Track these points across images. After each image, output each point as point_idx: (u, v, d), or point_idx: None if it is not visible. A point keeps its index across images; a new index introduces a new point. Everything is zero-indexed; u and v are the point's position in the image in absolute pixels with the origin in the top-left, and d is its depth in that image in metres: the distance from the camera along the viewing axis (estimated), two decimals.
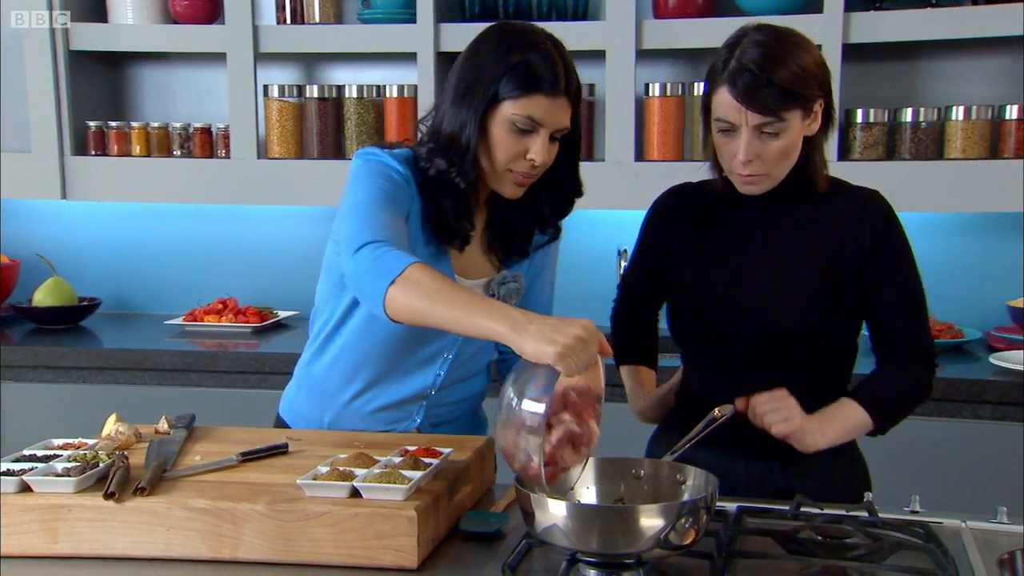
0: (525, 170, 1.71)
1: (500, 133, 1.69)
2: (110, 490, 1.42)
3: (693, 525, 1.28)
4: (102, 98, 3.55)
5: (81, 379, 3.07)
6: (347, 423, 1.87)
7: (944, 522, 1.52)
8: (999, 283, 3.09)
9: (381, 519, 1.36)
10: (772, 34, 1.67)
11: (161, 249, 3.63)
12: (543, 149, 1.69)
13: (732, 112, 1.65)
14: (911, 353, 1.78)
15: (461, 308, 1.45)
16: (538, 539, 1.34)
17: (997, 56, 3.02)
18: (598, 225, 3.32)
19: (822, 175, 1.77)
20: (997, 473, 2.58)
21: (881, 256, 1.75)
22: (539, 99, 1.66)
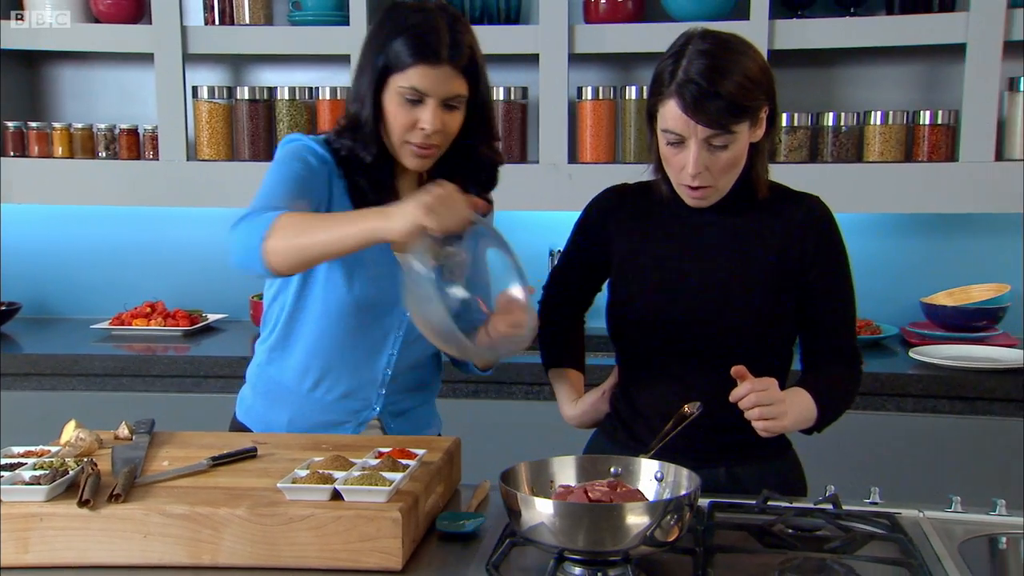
0: (419, 140, 1.75)
1: (392, 106, 1.74)
2: (84, 498, 1.41)
3: (678, 522, 1.31)
4: (19, 98, 3.46)
5: (6, 386, 2.99)
6: (308, 416, 1.88)
7: (902, 512, 1.58)
8: (914, 281, 3.23)
9: (365, 521, 1.38)
10: (717, 42, 1.67)
11: (83, 252, 3.55)
12: (432, 118, 1.72)
13: (680, 125, 1.65)
14: (844, 357, 1.82)
15: (334, 226, 1.56)
16: (523, 537, 1.36)
17: (911, 63, 3.16)
18: (531, 226, 3.37)
19: (763, 181, 1.78)
20: (923, 463, 2.70)
21: (822, 263, 1.77)
22: (422, 69, 1.71)
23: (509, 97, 3.17)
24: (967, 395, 2.68)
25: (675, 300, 1.78)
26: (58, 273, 3.56)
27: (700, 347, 1.77)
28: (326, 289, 1.82)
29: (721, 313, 1.76)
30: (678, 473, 1.46)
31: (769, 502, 1.58)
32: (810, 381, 1.77)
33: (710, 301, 1.76)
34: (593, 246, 1.90)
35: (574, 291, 1.98)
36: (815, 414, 1.72)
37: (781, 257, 1.76)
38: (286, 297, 1.87)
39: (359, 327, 1.83)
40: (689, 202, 1.75)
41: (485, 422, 2.83)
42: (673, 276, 1.80)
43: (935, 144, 3.01)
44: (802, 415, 1.69)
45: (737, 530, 1.49)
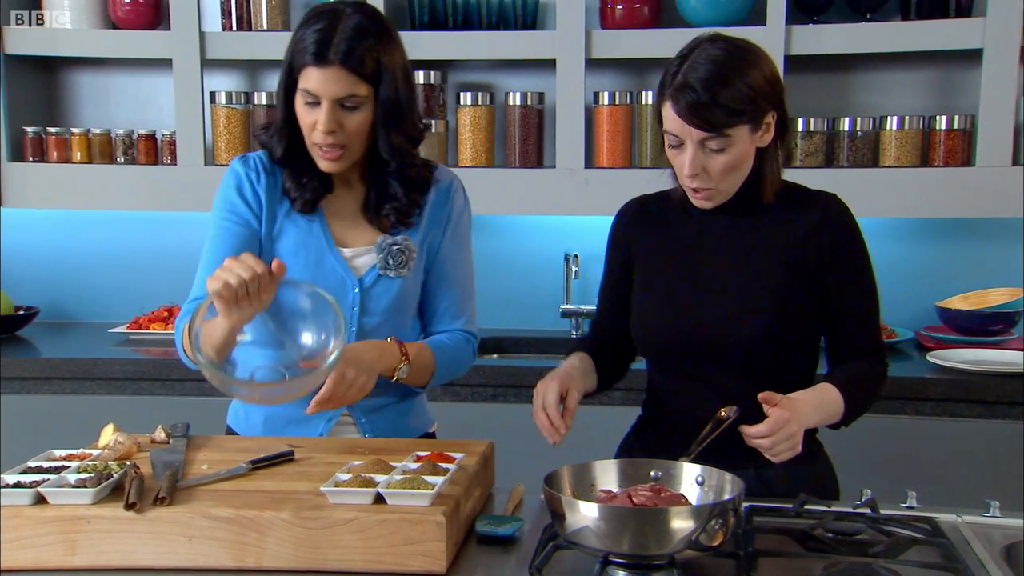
0: (319, 141, 1.78)
1: (298, 108, 1.79)
2: (130, 501, 1.42)
3: (722, 527, 1.32)
4: (38, 103, 3.47)
5: (26, 390, 3.00)
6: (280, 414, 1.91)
7: (940, 517, 1.58)
8: (929, 285, 3.25)
9: (409, 525, 1.39)
10: (725, 48, 1.67)
11: (100, 256, 3.56)
12: (326, 119, 1.75)
13: (676, 127, 1.67)
14: (870, 353, 1.83)
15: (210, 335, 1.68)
16: (567, 540, 1.37)
17: (927, 69, 3.18)
18: (548, 231, 3.39)
19: (770, 186, 1.77)
20: (942, 467, 2.71)
21: (843, 260, 1.78)
22: (311, 72, 1.75)
23: (526, 102, 3.19)
24: (986, 399, 2.69)
25: (692, 308, 1.79)
26: (75, 277, 3.57)
27: (724, 352, 1.77)
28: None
29: (741, 318, 1.76)
30: (720, 477, 1.47)
31: (806, 506, 1.59)
32: (837, 376, 1.77)
33: (729, 307, 1.77)
34: (623, 259, 1.92)
35: (619, 309, 1.92)
36: (842, 409, 1.71)
37: (798, 258, 1.77)
38: None
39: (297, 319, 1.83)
40: (695, 203, 1.77)
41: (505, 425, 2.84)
42: (689, 284, 1.81)
43: (951, 149, 3.02)
44: (828, 412, 1.70)
45: (777, 534, 1.50)
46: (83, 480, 1.46)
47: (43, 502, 1.44)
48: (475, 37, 3.19)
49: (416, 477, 1.47)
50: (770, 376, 1.74)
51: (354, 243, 1.91)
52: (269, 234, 1.88)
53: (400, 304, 1.92)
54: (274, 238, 1.88)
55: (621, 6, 3.13)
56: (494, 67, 3.37)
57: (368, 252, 1.90)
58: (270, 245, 1.88)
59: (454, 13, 3.21)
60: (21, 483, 1.46)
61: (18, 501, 1.43)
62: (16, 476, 1.49)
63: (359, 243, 1.91)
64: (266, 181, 1.89)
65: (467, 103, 3.21)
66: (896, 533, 1.48)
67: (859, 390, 1.77)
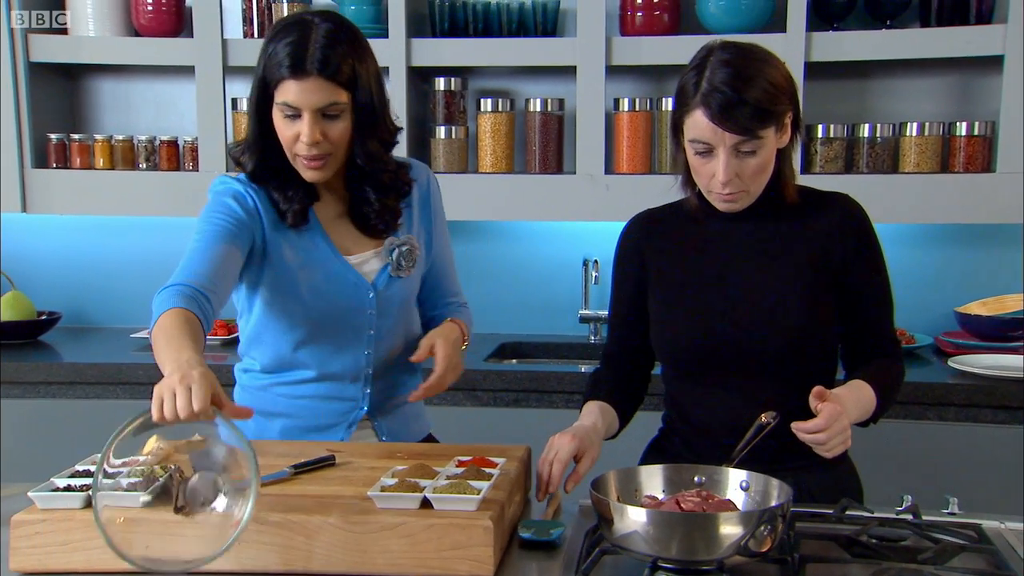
0: (303, 152, 1.77)
1: (277, 121, 1.78)
2: (179, 504, 1.43)
3: (771, 533, 1.33)
4: (61, 110, 3.49)
5: (51, 394, 3.02)
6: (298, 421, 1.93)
7: (983, 523, 1.58)
8: (948, 290, 3.26)
9: (457, 530, 1.40)
10: (737, 52, 1.69)
11: (121, 262, 3.57)
12: (309, 130, 1.74)
13: (708, 133, 1.66)
14: (888, 351, 1.85)
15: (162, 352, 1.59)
16: (615, 545, 1.38)
17: (947, 75, 3.19)
18: (568, 236, 3.41)
19: (791, 186, 1.79)
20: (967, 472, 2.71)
21: (862, 259, 1.80)
22: (289, 85, 1.73)
23: (546, 108, 3.20)
24: (1010, 404, 2.70)
25: (720, 316, 1.78)
26: (97, 283, 3.58)
27: (754, 359, 1.77)
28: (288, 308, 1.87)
29: (773, 323, 1.76)
30: (766, 482, 1.47)
31: (847, 511, 1.59)
32: (868, 373, 1.78)
33: (754, 313, 1.77)
34: (636, 274, 1.90)
35: (635, 326, 1.90)
36: (874, 406, 1.74)
37: (820, 260, 1.78)
38: (248, 318, 1.94)
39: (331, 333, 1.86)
40: (721, 208, 1.76)
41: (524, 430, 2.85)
42: (715, 292, 1.80)
43: (971, 155, 3.04)
44: (864, 408, 1.72)
45: (822, 539, 1.50)
46: (134, 484, 1.48)
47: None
48: (495, 44, 3.21)
49: (462, 482, 1.48)
50: (796, 380, 1.74)
51: (356, 249, 1.91)
52: (277, 253, 1.86)
53: (408, 301, 1.97)
54: (278, 258, 1.86)
55: (641, 13, 3.15)
56: (514, 74, 3.39)
57: (372, 257, 1.92)
58: (274, 264, 1.86)
59: (474, 20, 3.23)
60: (71, 487, 1.48)
61: (69, 504, 1.44)
62: (66, 480, 1.51)
63: (360, 249, 1.92)
64: (259, 198, 1.86)
65: (487, 109, 3.22)
66: (942, 540, 1.48)
67: (888, 388, 1.79)
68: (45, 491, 1.46)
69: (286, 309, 1.88)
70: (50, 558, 1.42)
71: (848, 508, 1.60)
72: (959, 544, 1.46)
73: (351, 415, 1.93)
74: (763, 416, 1.62)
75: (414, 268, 1.94)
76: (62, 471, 1.56)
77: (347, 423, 1.93)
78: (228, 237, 1.79)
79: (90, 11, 3.29)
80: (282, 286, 1.87)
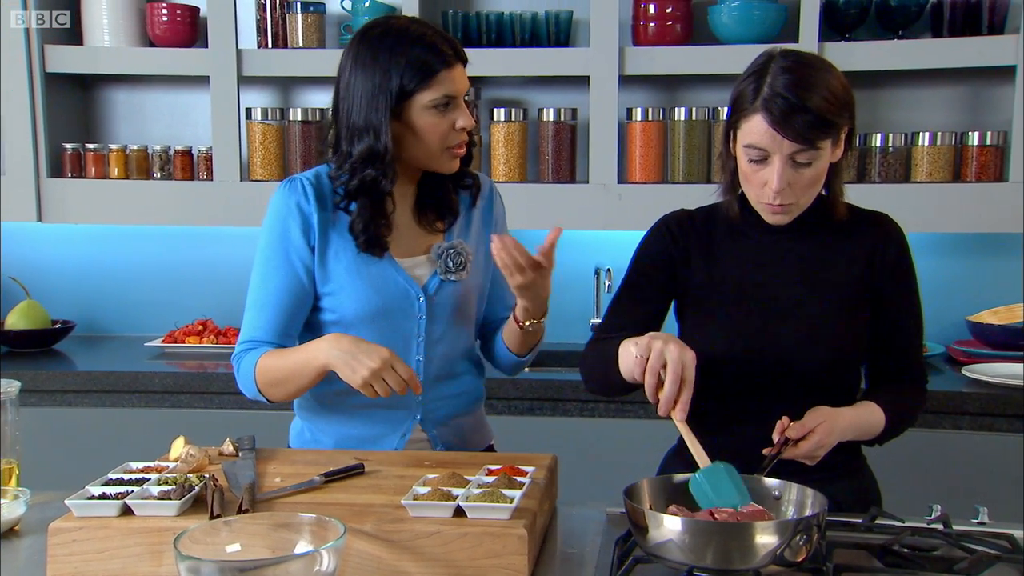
0: (458, 140, 1.84)
1: (426, 120, 1.80)
2: (215, 513, 1.44)
3: (806, 542, 1.33)
4: (76, 120, 3.51)
5: (65, 402, 3.03)
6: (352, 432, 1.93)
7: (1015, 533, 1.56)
8: (960, 299, 3.27)
9: (491, 538, 1.41)
10: (799, 59, 1.67)
11: (135, 271, 3.59)
12: (467, 115, 1.84)
13: (766, 140, 1.64)
14: (913, 376, 1.85)
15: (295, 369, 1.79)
16: (649, 554, 1.39)
17: (958, 85, 3.21)
18: (580, 246, 3.42)
19: (841, 203, 1.77)
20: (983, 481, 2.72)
21: (899, 281, 1.80)
22: (443, 76, 1.79)
23: (559, 118, 3.22)
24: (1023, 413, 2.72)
25: (759, 330, 1.76)
26: (109, 291, 3.60)
27: (786, 374, 1.75)
28: (336, 307, 1.88)
29: (807, 341, 1.75)
30: (800, 492, 1.48)
31: (877, 520, 1.59)
32: (882, 396, 1.78)
33: (795, 330, 1.75)
34: (665, 274, 1.85)
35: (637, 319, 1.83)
36: (881, 430, 1.75)
37: (861, 278, 1.77)
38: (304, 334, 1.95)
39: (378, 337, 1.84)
40: (769, 220, 1.74)
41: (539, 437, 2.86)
42: (753, 305, 1.78)
43: (984, 165, 3.06)
44: (864, 431, 1.74)
45: (855, 549, 1.50)
46: (167, 492, 1.49)
47: (129, 513, 1.46)
48: (508, 54, 3.22)
49: (495, 491, 1.49)
50: (824, 394, 1.74)
51: (407, 253, 1.92)
52: (323, 254, 1.87)
53: (463, 308, 1.95)
54: (329, 258, 1.87)
55: (654, 23, 3.17)
56: (527, 83, 3.40)
57: (423, 261, 1.92)
58: (324, 265, 1.87)
59: (488, 30, 3.25)
60: (107, 495, 1.48)
61: (106, 512, 1.45)
62: (100, 488, 1.52)
63: (412, 252, 1.92)
64: (316, 203, 1.86)
65: (500, 119, 3.24)
66: (975, 549, 1.48)
67: (902, 414, 1.79)
68: (81, 499, 1.47)
69: (336, 310, 1.88)
70: (87, 565, 1.42)
71: (878, 517, 1.60)
72: (993, 554, 1.46)
73: (404, 424, 1.92)
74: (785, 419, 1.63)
75: (464, 272, 1.93)
76: (95, 479, 1.56)
77: (400, 432, 1.93)
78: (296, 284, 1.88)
79: (105, 21, 3.31)
80: (333, 285, 1.87)
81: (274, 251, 1.87)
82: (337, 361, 1.72)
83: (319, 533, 1.31)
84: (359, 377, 1.69)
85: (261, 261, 1.89)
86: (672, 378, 1.52)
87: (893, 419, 1.76)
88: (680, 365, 1.53)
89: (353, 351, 1.71)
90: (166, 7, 3.32)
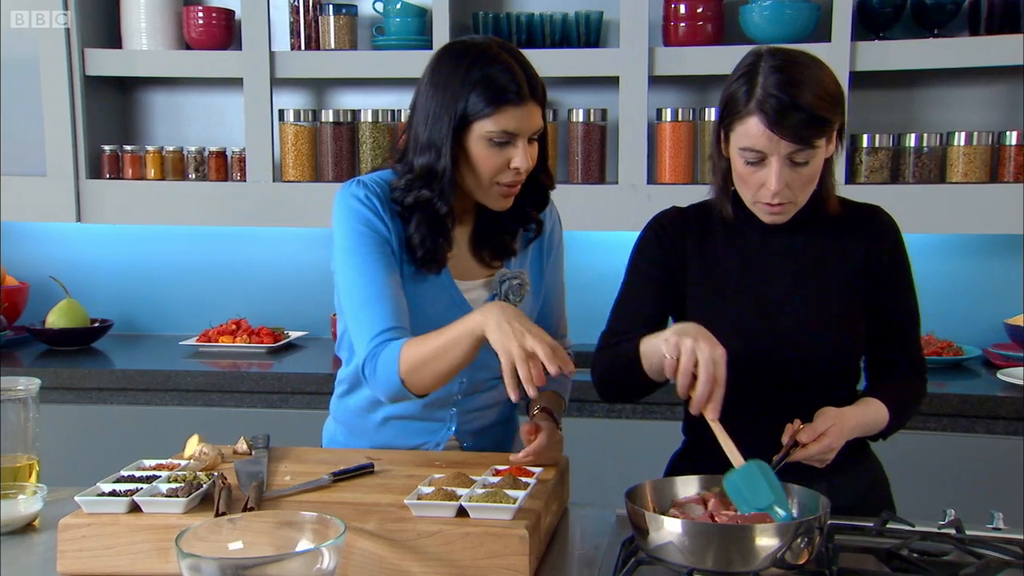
0: (510, 180, 1.76)
1: (480, 150, 1.73)
2: (220, 510, 1.46)
3: (808, 545, 1.32)
4: (114, 122, 3.57)
5: (101, 400, 3.08)
6: (386, 443, 1.91)
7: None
8: (997, 302, 3.22)
9: (493, 538, 1.41)
10: (787, 57, 1.65)
11: (171, 271, 3.65)
12: (524, 156, 1.73)
13: (763, 141, 1.62)
14: (914, 368, 1.83)
15: (450, 342, 1.63)
16: (650, 556, 1.38)
17: (996, 84, 3.15)
18: (609, 246, 3.39)
19: (833, 198, 1.77)
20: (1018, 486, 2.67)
21: (894, 274, 1.79)
22: (509, 111, 1.70)
23: (589, 119, 3.21)
24: None
25: (758, 326, 1.76)
26: (146, 291, 3.66)
27: (786, 371, 1.75)
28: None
29: (805, 337, 1.75)
30: (803, 494, 1.46)
31: (888, 524, 1.58)
32: (884, 392, 1.77)
33: (793, 326, 1.75)
34: (665, 272, 1.83)
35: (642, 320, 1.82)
36: (884, 425, 1.74)
37: (857, 273, 1.77)
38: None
39: None
40: (766, 219, 1.73)
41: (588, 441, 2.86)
42: (752, 301, 1.78)
43: (1021, 165, 3.00)
44: (870, 428, 1.72)
45: (862, 553, 1.48)
46: (175, 490, 1.51)
47: (137, 510, 1.49)
48: (539, 55, 3.16)
49: (498, 491, 1.49)
50: (823, 391, 1.75)
51: (467, 276, 1.88)
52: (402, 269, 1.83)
53: None
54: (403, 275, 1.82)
55: (684, 23, 3.15)
56: (557, 84, 3.40)
57: (481, 286, 1.89)
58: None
59: (518, 31, 3.25)
60: (116, 492, 1.51)
61: (114, 509, 1.48)
62: (111, 485, 1.54)
63: (472, 277, 1.88)
64: (382, 207, 1.80)
65: None
66: (985, 555, 1.46)
67: (905, 408, 1.78)
68: (91, 496, 1.49)
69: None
70: (96, 561, 1.45)
71: (888, 521, 1.58)
72: (1003, 560, 1.44)
73: (438, 434, 1.92)
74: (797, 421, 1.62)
75: (521, 303, 1.89)
76: (108, 476, 1.59)
77: (434, 443, 1.92)
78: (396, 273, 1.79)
79: (143, 25, 3.36)
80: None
81: (362, 244, 1.77)
82: (492, 321, 1.57)
83: (321, 531, 1.33)
84: (509, 346, 1.54)
85: (351, 261, 1.77)
86: (705, 378, 1.51)
87: (896, 413, 1.75)
88: (712, 364, 1.52)
89: (518, 319, 1.57)
90: (202, 10, 3.36)
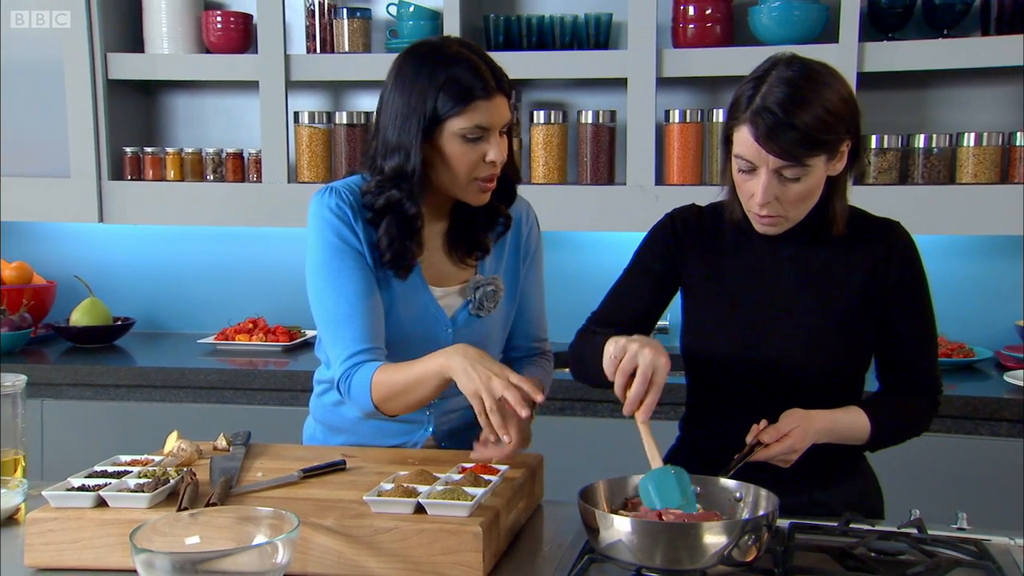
0: (487, 174, 1.78)
1: (454, 148, 1.76)
2: (183, 505, 1.51)
3: (755, 542, 1.33)
4: (137, 125, 3.65)
5: (119, 396, 3.16)
6: (363, 441, 1.94)
7: (992, 539, 1.54)
8: (1008, 303, 3.19)
9: (447, 535, 1.44)
10: (801, 71, 1.62)
11: (191, 270, 3.73)
12: (498, 149, 1.77)
13: (752, 152, 1.62)
14: (921, 387, 1.81)
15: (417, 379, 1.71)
16: (601, 554, 1.41)
17: (1006, 85, 3.12)
18: (617, 247, 3.39)
19: (841, 217, 1.73)
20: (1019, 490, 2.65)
21: (904, 292, 1.76)
22: (480, 105, 1.74)
23: (597, 120, 3.23)
24: None
25: (758, 334, 1.76)
26: (168, 289, 3.75)
27: (780, 382, 1.75)
28: None
29: (808, 350, 1.74)
30: (756, 493, 1.48)
31: (851, 524, 1.58)
32: (873, 403, 1.77)
33: (796, 338, 1.75)
34: (667, 268, 1.85)
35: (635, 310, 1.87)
36: (866, 436, 1.73)
37: (864, 289, 1.75)
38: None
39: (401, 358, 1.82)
40: (758, 229, 1.73)
41: (570, 439, 2.89)
42: (754, 308, 1.78)
43: None
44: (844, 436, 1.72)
45: (817, 552, 1.49)
46: (141, 485, 1.56)
47: (104, 505, 1.53)
48: (549, 57, 3.25)
49: (457, 488, 1.52)
50: (822, 404, 1.73)
51: (442, 283, 1.90)
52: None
53: (487, 341, 1.93)
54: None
55: (693, 25, 3.16)
56: (567, 86, 3.43)
57: (454, 292, 1.91)
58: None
59: (528, 33, 3.28)
60: (85, 486, 1.56)
61: (81, 504, 1.52)
62: (81, 479, 1.59)
63: (446, 283, 1.91)
64: (353, 214, 1.83)
65: (540, 121, 3.27)
66: (939, 554, 1.46)
67: (893, 422, 1.77)
68: (60, 490, 1.54)
69: None
70: (62, 555, 1.49)
71: (852, 521, 1.58)
72: (955, 558, 1.44)
73: (415, 435, 1.95)
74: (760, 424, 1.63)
75: (495, 309, 1.93)
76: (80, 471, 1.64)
77: (412, 443, 1.95)
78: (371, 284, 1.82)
79: (164, 30, 3.44)
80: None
81: (336, 257, 1.80)
82: (457, 366, 1.64)
83: (277, 526, 1.37)
84: (473, 386, 1.62)
85: (323, 274, 1.81)
86: (640, 380, 1.54)
87: (881, 427, 1.73)
88: (651, 369, 1.55)
89: (482, 361, 1.64)
90: (220, 15, 3.44)
